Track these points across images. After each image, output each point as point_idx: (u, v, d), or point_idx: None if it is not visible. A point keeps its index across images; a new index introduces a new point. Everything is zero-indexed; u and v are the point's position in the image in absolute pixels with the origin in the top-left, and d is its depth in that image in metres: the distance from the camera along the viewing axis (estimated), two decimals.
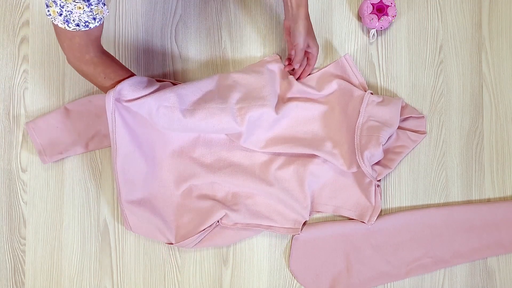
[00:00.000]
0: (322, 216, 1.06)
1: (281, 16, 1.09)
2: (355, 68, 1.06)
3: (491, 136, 1.09)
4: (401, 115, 1.04)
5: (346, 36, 1.09)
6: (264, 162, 1.04)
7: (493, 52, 1.10)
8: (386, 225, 1.04)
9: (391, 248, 1.04)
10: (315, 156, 1.03)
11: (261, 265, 1.05)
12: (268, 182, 1.02)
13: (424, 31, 1.09)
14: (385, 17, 1.04)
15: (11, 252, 1.05)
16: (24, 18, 1.08)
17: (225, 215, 1.01)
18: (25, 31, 1.07)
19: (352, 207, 1.04)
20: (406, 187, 1.07)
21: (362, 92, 1.03)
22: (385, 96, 1.05)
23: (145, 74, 1.07)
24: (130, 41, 1.08)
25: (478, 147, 1.08)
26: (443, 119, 1.08)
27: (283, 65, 1.05)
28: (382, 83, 1.08)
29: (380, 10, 1.05)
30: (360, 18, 1.09)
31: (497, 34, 1.10)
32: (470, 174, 1.08)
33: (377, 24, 1.04)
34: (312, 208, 1.04)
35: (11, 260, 1.05)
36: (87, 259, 1.05)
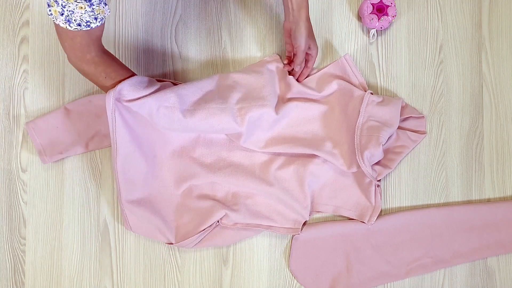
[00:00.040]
0: (322, 216, 1.06)
1: (281, 16, 1.09)
2: (355, 68, 1.06)
3: (491, 136, 1.09)
4: (401, 115, 1.04)
5: (346, 36, 1.09)
6: (264, 162, 1.04)
7: (493, 52, 1.10)
8: (386, 225, 1.04)
9: (391, 248, 1.04)
10: (315, 156, 1.03)
11: (261, 265, 1.05)
12: (268, 182, 1.02)
13: (424, 31, 1.09)
14: (385, 17, 1.04)
15: (11, 252, 1.05)
16: (24, 18, 1.08)
17: (225, 215, 1.01)
18: (25, 31, 1.07)
19: (352, 207, 1.04)
20: (406, 187, 1.07)
21: (362, 92, 1.03)
22: (385, 96, 1.05)
23: (145, 74, 1.07)
24: (130, 41, 1.08)
25: (478, 147, 1.08)
26: (443, 119, 1.08)
27: (283, 65, 1.05)
28: (382, 83, 1.08)
29: (380, 10, 1.05)
30: (360, 18, 1.09)
31: (497, 34, 1.10)
32: (470, 174, 1.08)
33: (377, 24, 1.04)
34: (312, 208, 1.04)
35: (11, 260, 1.05)
36: (87, 259, 1.05)
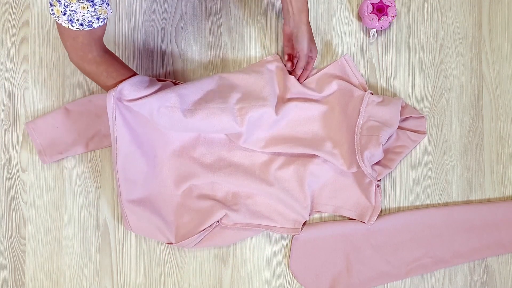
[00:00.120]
0: (322, 216, 1.06)
1: (281, 16, 1.09)
2: (354, 69, 1.06)
3: (491, 136, 1.09)
4: (401, 115, 1.04)
5: (346, 36, 1.09)
6: (264, 162, 1.04)
7: (493, 52, 1.10)
8: (386, 225, 1.04)
9: (391, 248, 1.04)
10: (315, 156, 1.03)
11: (261, 265, 1.05)
12: (268, 182, 1.02)
13: (424, 31, 1.09)
14: (385, 17, 1.04)
15: (11, 252, 1.05)
16: (24, 18, 1.07)
17: (225, 215, 1.01)
18: (25, 31, 1.07)
19: (352, 207, 1.04)
20: (406, 187, 1.07)
21: (362, 92, 1.03)
22: (385, 96, 1.05)
23: (145, 74, 1.07)
24: (130, 41, 1.08)
25: (478, 147, 1.08)
26: (443, 119, 1.08)
27: (283, 65, 1.05)
28: (382, 83, 1.08)
29: (380, 10, 1.05)
30: (360, 18, 1.09)
31: (497, 34, 1.10)
32: (470, 174, 1.08)
33: (377, 24, 1.04)
34: (312, 208, 1.04)
35: (11, 260, 1.05)
36: (87, 259, 1.05)
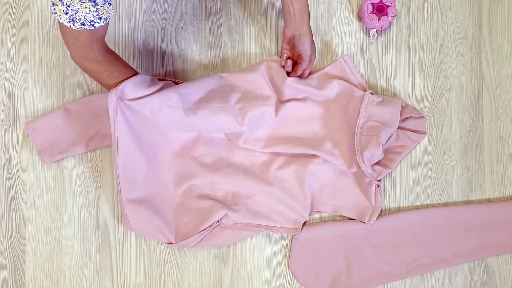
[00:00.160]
0: (322, 216, 1.06)
1: (281, 16, 1.09)
2: (354, 69, 1.06)
3: (491, 136, 1.09)
4: (401, 115, 1.04)
5: (346, 36, 1.09)
6: (264, 162, 1.04)
7: (493, 52, 1.10)
8: (386, 225, 1.04)
9: (391, 248, 1.04)
10: (315, 156, 1.03)
11: (261, 265, 1.05)
12: (268, 182, 1.02)
13: (424, 31, 1.09)
14: (385, 17, 1.04)
15: (11, 252, 1.05)
16: (24, 18, 1.07)
17: (225, 215, 1.01)
18: (25, 31, 1.07)
19: (352, 207, 1.04)
20: (406, 187, 1.07)
21: (362, 92, 1.03)
22: (385, 96, 1.05)
23: (145, 74, 1.07)
24: (130, 41, 1.08)
25: (478, 147, 1.08)
26: (443, 119, 1.08)
27: (283, 66, 1.05)
28: (382, 83, 1.08)
29: (380, 10, 1.05)
30: (360, 18, 1.09)
31: (497, 34, 1.10)
32: (470, 174, 1.08)
33: (377, 24, 1.04)
34: (312, 208, 1.04)
35: (11, 260, 1.05)
36: (87, 259, 1.05)
